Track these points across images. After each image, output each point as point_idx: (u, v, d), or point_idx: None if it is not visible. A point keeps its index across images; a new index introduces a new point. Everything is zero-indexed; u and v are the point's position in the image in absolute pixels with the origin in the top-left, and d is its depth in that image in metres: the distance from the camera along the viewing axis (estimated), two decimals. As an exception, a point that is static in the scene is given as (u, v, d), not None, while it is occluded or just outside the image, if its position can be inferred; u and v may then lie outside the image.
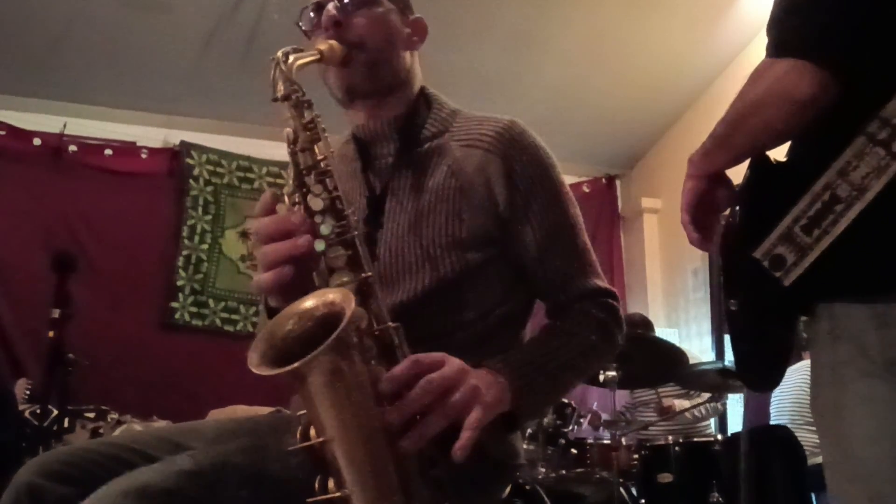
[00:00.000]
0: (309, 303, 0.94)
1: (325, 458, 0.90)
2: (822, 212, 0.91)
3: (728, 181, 1.07)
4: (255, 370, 0.88)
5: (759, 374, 1.05)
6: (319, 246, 1.02)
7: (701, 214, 1.07)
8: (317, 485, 0.92)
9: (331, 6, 1.24)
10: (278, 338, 0.92)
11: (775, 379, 1.03)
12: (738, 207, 1.02)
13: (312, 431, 0.91)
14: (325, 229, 1.03)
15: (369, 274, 1.04)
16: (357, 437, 0.90)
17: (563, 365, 1.17)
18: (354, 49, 1.23)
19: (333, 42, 1.20)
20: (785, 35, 0.93)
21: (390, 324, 1.03)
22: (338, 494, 0.90)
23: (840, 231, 0.89)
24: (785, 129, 0.95)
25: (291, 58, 1.13)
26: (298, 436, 0.92)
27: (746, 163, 1.04)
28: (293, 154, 1.09)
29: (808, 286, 0.93)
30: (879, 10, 0.88)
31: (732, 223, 1.03)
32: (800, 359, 3.57)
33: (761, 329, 1.00)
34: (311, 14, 1.28)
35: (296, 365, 0.85)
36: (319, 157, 1.08)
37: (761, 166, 1.00)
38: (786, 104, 0.92)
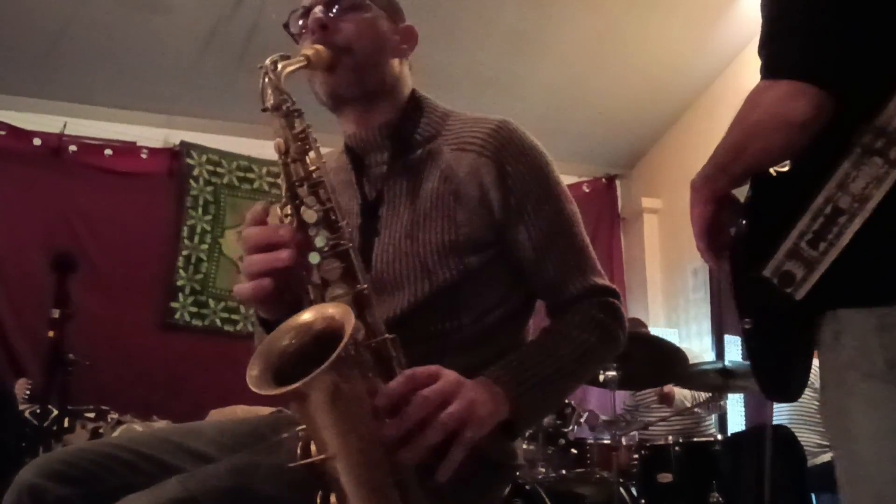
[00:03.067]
0: (307, 316, 0.93)
1: (325, 474, 0.90)
2: (825, 225, 0.91)
3: (733, 199, 1.07)
4: (255, 389, 0.87)
5: (782, 386, 1.04)
6: (314, 259, 1.02)
7: (713, 237, 1.07)
8: (318, 500, 0.92)
9: (317, 10, 1.23)
10: (275, 354, 0.91)
11: (799, 389, 1.03)
12: (743, 222, 1.02)
13: (313, 447, 0.90)
14: (319, 241, 1.03)
15: (364, 286, 1.03)
16: (357, 452, 0.89)
17: (561, 369, 1.16)
18: (341, 53, 1.21)
19: (319, 46, 1.19)
20: (778, 56, 0.93)
21: (387, 336, 1.02)
22: None
23: (846, 242, 0.90)
24: (785, 151, 0.95)
25: (280, 65, 1.11)
26: (299, 451, 0.91)
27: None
28: (285, 165, 1.07)
29: (814, 296, 0.93)
30: (869, 22, 0.88)
31: (738, 240, 1.03)
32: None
33: (779, 343, 1.00)
34: (300, 18, 1.27)
35: (297, 385, 0.84)
36: (311, 168, 1.06)
37: (761, 180, 1.00)
38: (785, 127, 0.92)
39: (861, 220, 0.89)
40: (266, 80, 1.11)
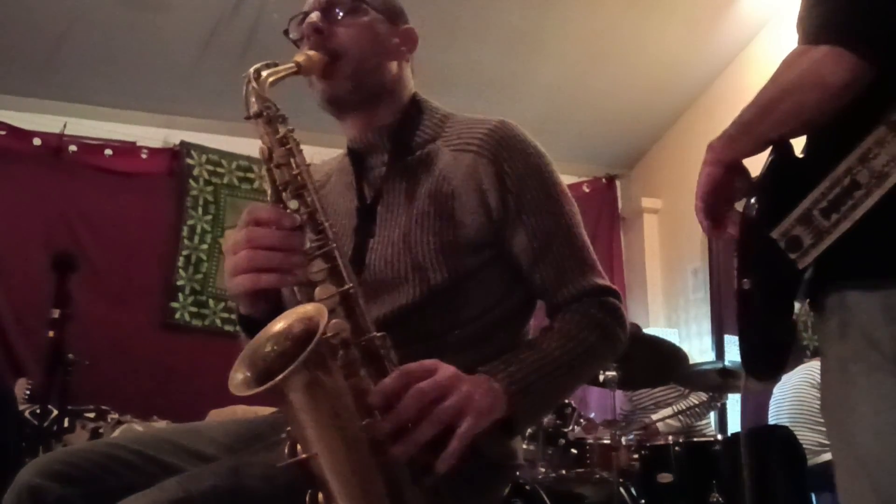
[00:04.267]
0: (282, 323, 0.94)
1: (312, 472, 0.90)
2: (841, 196, 0.90)
3: (745, 171, 1.06)
4: (235, 392, 0.88)
5: (763, 361, 1.03)
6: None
7: (715, 203, 1.06)
8: (307, 499, 0.92)
9: (314, 15, 1.23)
10: (259, 358, 0.92)
11: (777, 370, 1.02)
12: (754, 198, 1.01)
13: (300, 447, 0.91)
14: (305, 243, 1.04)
15: (350, 286, 1.03)
16: (341, 449, 0.90)
17: (560, 368, 1.15)
18: (336, 58, 1.22)
19: (312, 52, 1.19)
20: (821, 21, 0.93)
21: (375, 333, 1.02)
22: None
23: (858, 217, 0.89)
24: (816, 115, 0.94)
25: (265, 73, 1.12)
26: (286, 451, 0.92)
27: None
28: (269, 171, 1.08)
29: (821, 270, 0.92)
30: None
31: (750, 212, 1.02)
32: (800, 363, 3.57)
33: (771, 312, 0.99)
34: (299, 23, 1.27)
35: (270, 384, 0.85)
36: (295, 172, 1.07)
37: (784, 152, 0.99)
38: (820, 89, 0.91)
39: (876, 198, 0.88)
40: (249, 88, 1.11)
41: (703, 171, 1.05)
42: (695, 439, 3.30)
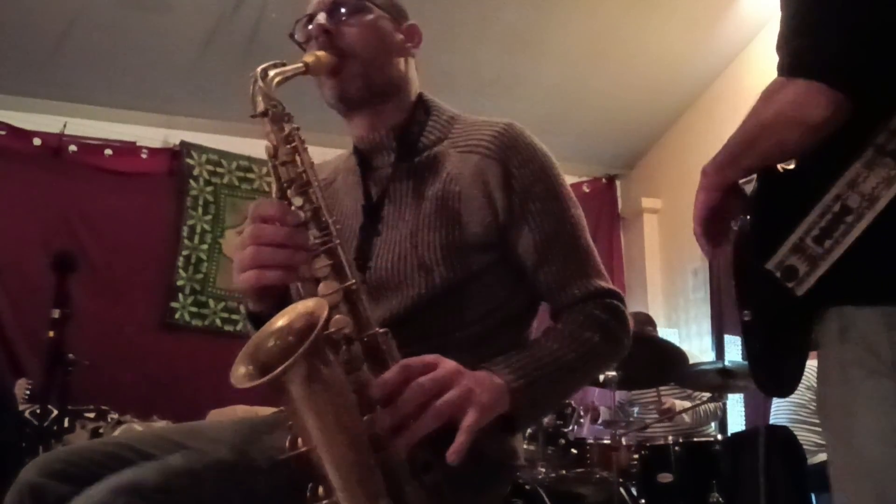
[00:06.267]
0: (284, 319, 0.95)
1: (313, 465, 0.91)
2: (833, 222, 0.90)
3: (740, 190, 1.06)
4: (237, 385, 0.88)
5: (776, 380, 1.04)
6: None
7: (713, 225, 1.06)
8: (308, 493, 0.92)
9: (321, 16, 1.24)
10: (261, 353, 0.92)
11: (792, 385, 1.02)
12: (748, 216, 1.02)
13: (300, 440, 0.92)
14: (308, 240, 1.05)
15: (353, 282, 1.04)
16: (341, 443, 0.90)
17: (563, 367, 1.15)
18: (346, 57, 1.23)
19: (320, 53, 1.20)
20: (797, 55, 0.92)
21: (378, 329, 1.03)
22: (326, 502, 0.91)
23: (851, 241, 0.89)
24: (797, 149, 0.94)
25: (272, 73, 1.13)
26: (287, 445, 0.92)
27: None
28: (274, 168, 1.10)
29: (819, 292, 0.93)
30: (890, 26, 0.87)
31: (742, 233, 1.02)
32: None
33: (776, 337, 1.00)
34: (305, 25, 1.28)
35: (271, 376, 0.85)
36: (300, 170, 1.09)
37: (769, 176, 1.00)
38: (799, 126, 0.91)
39: (868, 221, 0.88)
40: (255, 87, 1.13)
41: (699, 196, 1.06)
42: (695, 439, 3.31)
